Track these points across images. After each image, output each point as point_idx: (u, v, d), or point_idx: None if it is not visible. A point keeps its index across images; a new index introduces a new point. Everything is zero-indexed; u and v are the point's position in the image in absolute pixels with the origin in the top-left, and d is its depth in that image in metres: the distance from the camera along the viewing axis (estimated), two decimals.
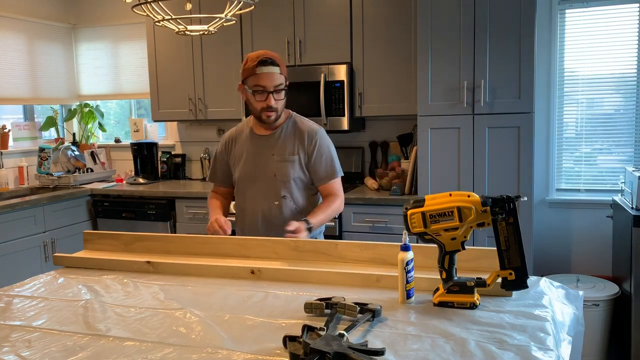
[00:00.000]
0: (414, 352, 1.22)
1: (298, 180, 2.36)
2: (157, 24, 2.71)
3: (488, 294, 1.53)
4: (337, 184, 2.41)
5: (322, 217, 2.28)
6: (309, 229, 2.19)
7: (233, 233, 2.28)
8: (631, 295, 3.04)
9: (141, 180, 4.52)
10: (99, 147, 4.94)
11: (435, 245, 1.52)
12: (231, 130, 2.52)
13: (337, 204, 2.36)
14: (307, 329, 1.26)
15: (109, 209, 4.25)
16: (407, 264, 1.50)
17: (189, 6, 2.69)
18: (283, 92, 2.29)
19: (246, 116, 4.02)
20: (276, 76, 2.25)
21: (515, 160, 3.18)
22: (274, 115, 2.31)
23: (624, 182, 3.34)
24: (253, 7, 2.74)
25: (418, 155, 3.40)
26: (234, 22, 2.80)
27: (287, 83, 2.33)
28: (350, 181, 4.09)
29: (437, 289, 1.52)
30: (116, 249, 2.12)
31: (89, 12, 4.99)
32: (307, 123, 2.42)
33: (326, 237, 2.51)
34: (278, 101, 2.29)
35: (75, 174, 4.46)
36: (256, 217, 2.38)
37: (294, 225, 2.12)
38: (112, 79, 5.01)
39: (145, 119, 4.88)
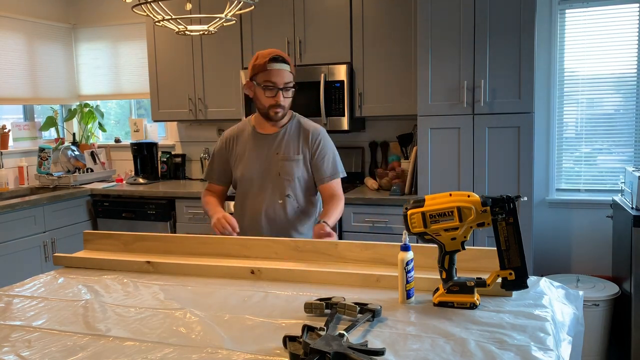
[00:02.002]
0: (414, 352, 1.22)
1: (302, 180, 2.38)
2: (157, 24, 2.71)
3: (488, 294, 1.53)
4: (338, 184, 2.42)
5: (333, 218, 2.28)
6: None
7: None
8: (631, 295, 3.04)
9: (141, 180, 4.51)
10: (99, 147, 4.94)
11: (435, 245, 1.52)
12: (231, 129, 2.50)
13: (342, 205, 2.37)
14: (307, 329, 1.26)
15: (109, 209, 4.25)
16: (407, 264, 1.50)
17: (189, 6, 2.69)
18: (291, 90, 2.33)
19: (246, 116, 4.04)
20: (286, 74, 2.29)
21: (515, 160, 3.18)
22: (281, 112, 2.33)
23: (624, 182, 3.34)
24: (253, 7, 2.74)
25: (418, 155, 3.40)
26: (234, 22, 2.80)
27: (295, 83, 2.35)
28: (350, 181, 4.09)
29: (437, 289, 1.52)
30: (116, 249, 2.12)
31: (89, 12, 4.99)
32: (310, 123, 2.45)
33: None
34: (286, 99, 2.32)
35: (75, 174, 4.46)
36: (259, 216, 2.38)
37: (326, 228, 2.13)
38: (112, 79, 5.01)
39: (145, 119, 4.88)
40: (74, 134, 5.02)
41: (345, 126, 3.78)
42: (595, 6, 3.60)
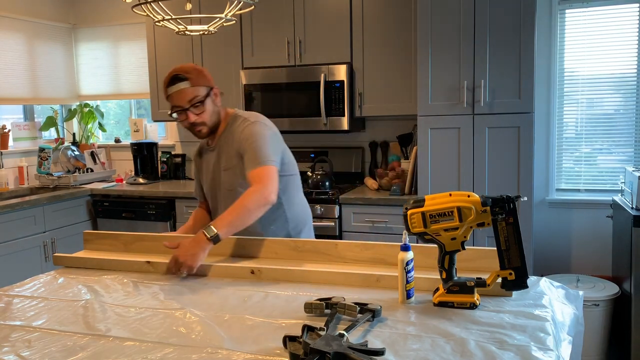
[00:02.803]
0: (414, 352, 1.22)
1: (245, 187, 2.02)
2: (157, 24, 2.71)
3: (488, 294, 1.52)
4: (259, 172, 2.00)
5: (230, 218, 1.89)
6: (213, 239, 1.83)
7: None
8: (631, 295, 3.04)
9: (141, 180, 4.51)
10: (99, 147, 4.94)
11: (435, 245, 1.52)
12: (200, 142, 2.36)
13: (247, 197, 1.93)
14: (307, 329, 1.26)
15: (109, 209, 4.25)
16: (407, 264, 1.50)
17: (189, 6, 2.69)
18: (202, 104, 2.09)
19: None
20: (188, 91, 2.07)
21: (515, 160, 3.18)
22: (204, 129, 2.15)
23: (624, 182, 3.34)
24: (253, 7, 2.74)
25: (418, 155, 3.40)
26: (234, 22, 2.80)
27: (209, 92, 2.11)
28: (350, 181, 4.09)
29: (437, 289, 1.52)
30: (116, 249, 2.12)
31: (89, 12, 4.99)
32: (242, 118, 2.17)
33: (326, 237, 2.49)
34: (200, 115, 2.10)
35: (75, 174, 4.46)
36: None
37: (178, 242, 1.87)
38: (112, 79, 5.00)
39: (145, 119, 4.88)
40: (74, 134, 5.01)
41: (345, 126, 3.78)
42: (595, 6, 3.60)
